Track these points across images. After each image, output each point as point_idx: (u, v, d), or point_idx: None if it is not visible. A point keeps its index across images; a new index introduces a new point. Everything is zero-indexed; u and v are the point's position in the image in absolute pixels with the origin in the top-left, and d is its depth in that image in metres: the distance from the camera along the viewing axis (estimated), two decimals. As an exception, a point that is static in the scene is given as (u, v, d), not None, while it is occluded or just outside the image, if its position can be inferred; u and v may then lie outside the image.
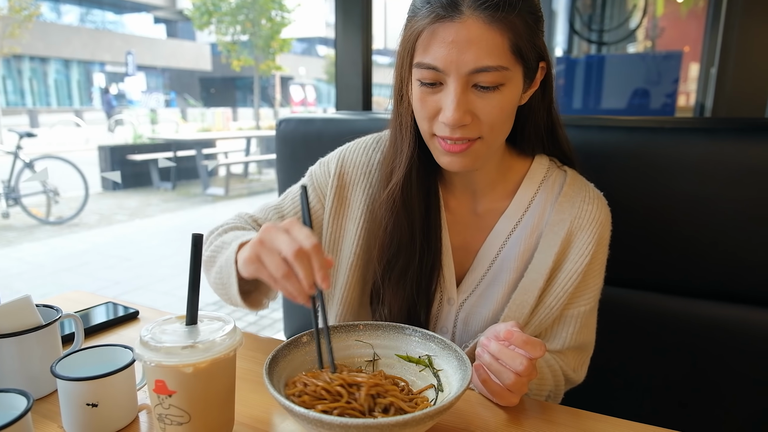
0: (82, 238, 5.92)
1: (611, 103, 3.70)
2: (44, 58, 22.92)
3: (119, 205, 7.63)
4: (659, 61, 3.59)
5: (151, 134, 11.09)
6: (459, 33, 0.75)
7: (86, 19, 26.24)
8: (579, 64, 3.82)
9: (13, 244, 5.53)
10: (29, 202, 6.42)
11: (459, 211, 0.98)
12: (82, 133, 14.67)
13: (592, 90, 3.77)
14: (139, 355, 0.62)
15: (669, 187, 1.10)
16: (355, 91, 1.75)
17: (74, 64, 24.13)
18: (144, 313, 1.12)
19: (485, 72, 0.76)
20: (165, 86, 26.23)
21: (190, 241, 0.68)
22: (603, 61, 3.76)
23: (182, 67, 26.73)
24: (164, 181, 8.74)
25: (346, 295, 1.00)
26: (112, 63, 24.29)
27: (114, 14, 27.53)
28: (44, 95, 23.69)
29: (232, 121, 18.46)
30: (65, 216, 6.49)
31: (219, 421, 0.66)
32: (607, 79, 3.72)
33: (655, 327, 1.15)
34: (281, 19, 15.59)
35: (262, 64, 15.84)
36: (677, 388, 1.16)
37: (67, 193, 6.71)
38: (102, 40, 24.13)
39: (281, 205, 1.03)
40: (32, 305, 0.78)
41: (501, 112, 0.80)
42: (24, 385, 0.75)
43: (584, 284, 0.94)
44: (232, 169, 9.19)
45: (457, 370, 0.69)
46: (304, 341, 0.74)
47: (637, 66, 3.68)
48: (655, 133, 1.14)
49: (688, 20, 5.24)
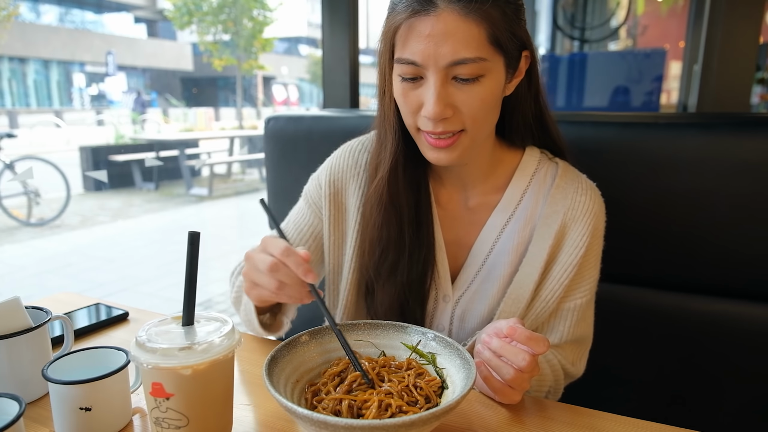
0: (65, 239, 5.82)
1: (594, 101, 3.73)
2: (23, 58, 22.49)
3: (102, 206, 7.51)
4: (642, 59, 3.62)
5: (134, 134, 10.93)
6: (435, 26, 0.75)
7: (65, 18, 25.80)
8: (562, 62, 3.85)
9: (-7, 247, 5.42)
10: (10, 203, 6.29)
11: (450, 206, 0.97)
12: (62, 134, 14.43)
13: (575, 88, 3.80)
14: (135, 357, 0.60)
15: (663, 182, 1.11)
16: (342, 89, 1.74)
17: (54, 64, 23.72)
18: (134, 315, 1.09)
19: (463, 64, 0.76)
20: (146, 86, 25.90)
21: (186, 238, 0.66)
22: (586, 59, 3.79)
23: (163, 66, 26.42)
24: (147, 182, 8.62)
25: (347, 296, 1.00)
26: (92, 63, 23.92)
27: (94, 14, 27.11)
28: (23, 96, 23.26)
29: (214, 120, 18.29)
30: (47, 217, 6.36)
31: (218, 423, 0.64)
32: (589, 77, 3.75)
33: (651, 323, 1.16)
34: (263, 19, 15.48)
35: (245, 64, 15.71)
36: (674, 384, 1.16)
37: (49, 195, 6.58)
38: (82, 40, 23.75)
39: (286, 230, 1.05)
40: (21, 307, 0.76)
41: (482, 104, 0.80)
42: (15, 390, 0.73)
43: (580, 276, 0.94)
44: (215, 169, 9.10)
45: (461, 368, 0.68)
46: (303, 341, 0.73)
47: (621, 64, 3.71)
48: (649, 129, 1.14)
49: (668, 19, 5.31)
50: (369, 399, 0.64)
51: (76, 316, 1.06)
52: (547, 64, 3.90)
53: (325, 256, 1.03)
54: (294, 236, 1.03)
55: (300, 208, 1.06)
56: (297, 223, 1.04)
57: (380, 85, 0.89)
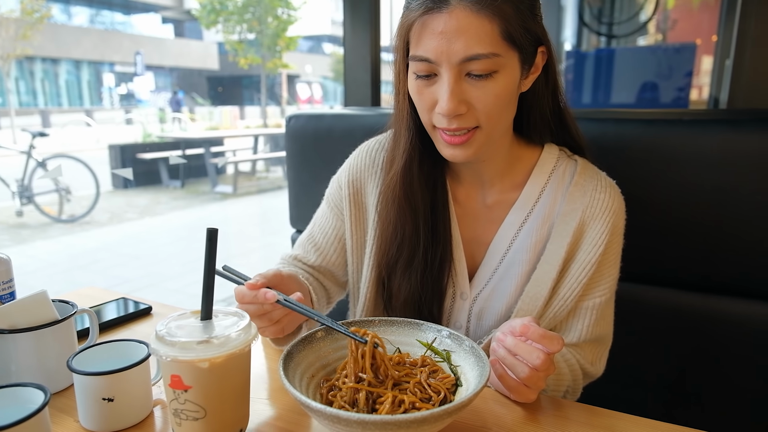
0: (94, 235, 5.97)
1: (621, 98, 3.66)
2: (55, 59, 23.13)
3: (129, 203, 7.68)
4: (672, 54, 3.54)
5: (160, 133, 11.13)
6: (448, 23, 0.75)
7: (96, 20, 26.44)
8: (588, 58, 3.78)
9: (27, 242, 5.58)
10: (42, 200, 6.49)
11: (468, 204, 0.97)
12: (92, 133, 14.79)
13: (601, 84, 3.74)
14: (155, 350, 0.62)
15: (687, 180, 1.08)
16: (363, 87, 1.74)
17: (84, 64, 24.33)
18: (157, 309, 1.12)
19: (476, 60, 0.76)
20: (173, 85, 26.35)
21: (204, 236, 0.67)
22: (613, 54, 3.72)
23: (190, 66, 26.85)
24: (173, 180, 8.79)
25: (366, 294, 1.01)
26: (122, 63, 24.46)
27: (123, 15, 27.70)
28: (56, 96, 23.91)
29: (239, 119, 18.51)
30: (77, 214, 6.54)
31: (234, 416, 0.66)
32: (616, 73, 3.68)
33: (673, 323, 1.14)
34: (287, 17, 15.60)
35: (269, 63, 15.86)
36: (695, 386, 1.14)
37: (79, 192, 6.76)
38: (111, 41, 24.31)
39: (312, 234, 1.07)
40: (48, 301, 0.78)
41: (497, 100, 0.79)
42: (41, 380, 0.76)
43: (599, 274, 0.92)
44: (240, 167, 9.22)
45: (475, 366, 0.68)
46: (318, 336, 0.74)
47: (649, 59, 3.63)
48: (673, 125, 1.12)
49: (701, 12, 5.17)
50: (383, 394, 0.64)
51: (101, 310, 1.09)
52: (572, 61, 3.84)
53: (348, 256, 1.04)
54: (321, 241, 1.05)
55: (323, 212, 1.07)
56: (322, 227, 1.06)
57: (395, 83, 0.90)
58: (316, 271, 1.06)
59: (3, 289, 0.90)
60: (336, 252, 1.05)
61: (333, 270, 1.06)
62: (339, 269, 1.06)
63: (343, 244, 1.05)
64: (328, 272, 1.06)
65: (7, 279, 0.91)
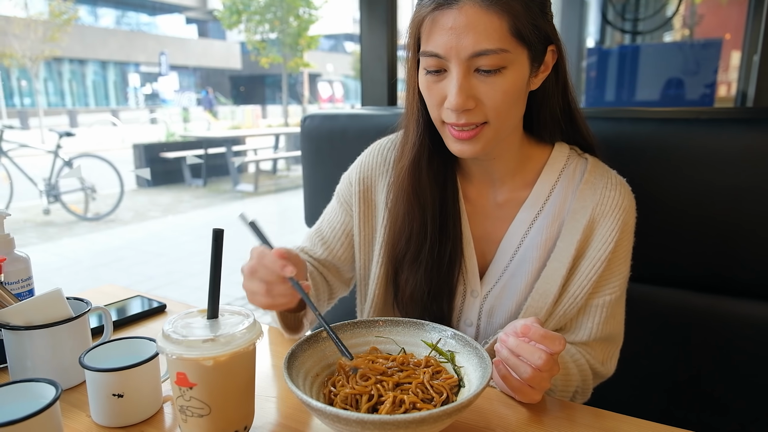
0: (118, 233, 6.10)
1: (646, 95, 3.60)
2: (83, 60, 23.65)
3: (153, 202, 7.82)
4: (697, 50, 3.46)
5: (183, 132, 11.31)
6: (457, 19, 0.76)
7: (122, 21, 26.94)
8: (612, 55, 3.72)
9: (54, 240, 5.73)
10: (68, 199, 6.65)
11: (479, 202, 0.98)
12: (118, 132, 15.08)
13: (624, 81, 3.67)
14: (162, 348, 0.63)
15: (705, 179, 1.06)
16: (380, 86, 1.75)
17: (111, 65, 24.82)
18: (171, 307, 1.14)
19: (485, 55, 0.77)
20: (197, 85, 26.73)
21: (210, 236, 0.69)
22: (636, 51, 3.65)
23: (213, 66, 27.18)
24: (196, 178, 8.92)
25: (375, 291, 1.01)
26: (147, 63, 24.88)
27: (148, 16, 28.17)
28: (83, 96, 24.44)
29: (261, 118, 18.68)
30: (102, 212, 6.69)
31: (239, 413, 0.67)
32: (639, 70, 3.61)
33: (688, 325, 1.12)
34: (308, 17, 15.69)
35: (290, 62, 15.98)
36: (711, 390, 1.12)
37: (104, 190, 6.92)
38: (137, 42, 24.75)
39: (320, 228, 1.08)
40: (63, 298, 0.81)
41: (505, 96, 0.80)
42: (55, 375, 0.78)
43: (609, 272, 0.92)
44: (261, 165, 9.32)
45: (478, 367, 0.68)
46: (323, 336, 0.75)
47: (674, 55, 3.56)
48: (690, 125, 1.10)
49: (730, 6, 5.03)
50: (384, 394, 0.65)
51: (117, 307, 1.11)
52: (595, 57, 3.78)
53: (356, 253, 1.05)
54: (328, 235, 1.06)
55: (332, 207, 1.09)
56: (330, 221, 1.07)
57: (406, 79, 0.91)
58: (322, 265, 1.07)
59: (22, 286, 0.93)
60: (342, 247, 1.05)
61: (338, 265, 1.07)
62: (344, 265, 1.07)
63: (350, 240, 1.05)
64: (333, 267, 1.07)
65: (26, 277, 0.93)
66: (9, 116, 18.46)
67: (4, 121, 8.24)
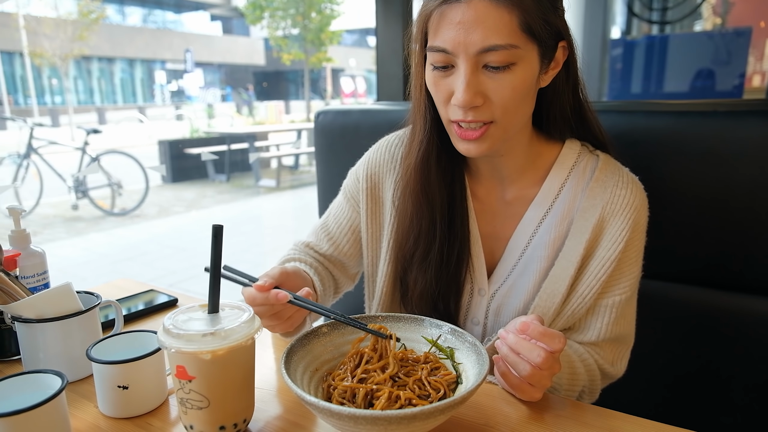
0: (143, 228, 6.23)
1: (673, 87, 3.50)
2: (110, 58, 24.12)
3: (177, 197, 7.95)
4: (724, 40, 3.36)
5: (207, 128, 11.46)
6: (465, 13, 0.75)
7: (148, 19, 27.38)
8: (638, 46, 3.63)
9: (82, 234, 5.88)
10: (96, 194, 6.81)
11: (488, 200, 0.97)
12: (144, 129, 15.37)
13: (653, 73, 3.58)
14: (161, 341, 0.64)
15: (722, 174, 1.03)
16: (395, 81, 1.74)
17: (138, 62, 25.27)
18: (183, 301, 1.16)
19: (493, 51, 0.75)
20: (221, 81, 27.05)
21: (210, 232, 0.70)
22: (661, 41, 3.56)
23: (237, 62, 27.44)
24: (219, 174, 9.04)
25: (383, 288, 1.01)
26: (172, 61, 25.25)
27: (174, 14, 28.56)
28: (111, 93, 24.95)
29: (284, 114, 18.80)
30: (128, 207, 6.83)
31: (238, 406, 0.68)
32: (667, 61, 3.52)
33: (704, 324, 1.09)
34: (330, 12, 15.71)
35: (313, 57, 16.03)
36: (730, 393, 1.09)
37: (130, 186, 7.06)
38: (163, 39, 25.14)
39: (326, 223, 1.08)
40: (73, 292, 0.83)
41: (514, 93, 0.78)
42: (65, 367, 0.81)
43: (619, 272, 0.90)
44: (283, 161, 9.39)
45: (475, 364, 0.68)
46: (323, 332, 0.75)
47: (703, 45, 3.45)
48: (706, 117, 1.07)
49: (765, -9, 4.85)
50: (381, 389, 0.65)
51: (129, 301, 1.14)
52: (621, 49, 3.70)
53: (363, 250, 1.05)
54: (334, 231, 1.06)
55: (339, 203, 1.08)
56: (337, 217, 1.07)
57: (414, 75, 0.90)
58: (327, 260, 1.07)
59: (37, 280, 0.95)
60: (348, 243, 1.05)
61: (344, 261, 1.07)
62: (350, 260, 1.07)
63: (357, 236, 1.05)
64: (338, 262, 1.07)
65: (41, 271, 0.96)
66: (41, 114, 18.97)
67: (35, 119, 8.48)
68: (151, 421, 0.73)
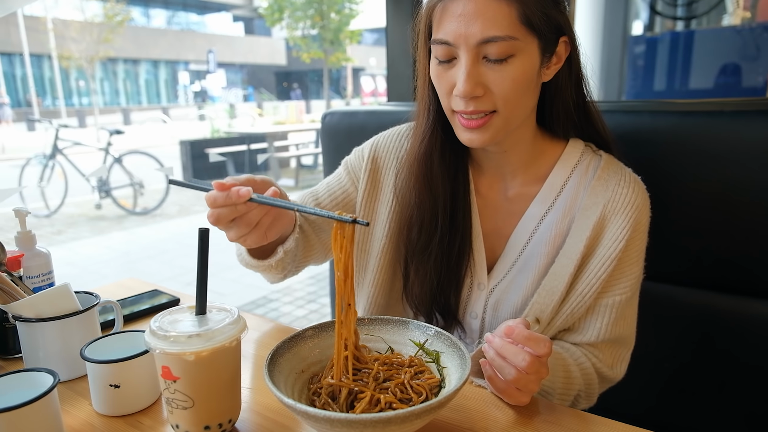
0: (164, 227, 6.33)
1: (697, 84, 3.42)
2: (135, 59, 24.59)
3: (197, 196, 8.06)
4: (756, 34, 3.26)
5: (228, 128, 11.60)
6: (466, 6, 0.77)
7: (172, 21, 27.82)
8: (661, 42, 3.55)
9: (105, 233, 6.01)
10: (118, 194, 6.96)
11: (490, 196, 0.97)
12: (167, 129, 15.61)
13: (677, 70, 3.50)
14: (148, 343, 0.66)
15: (729, 175, 1.01)
16: (406, 81, 1.74)
17: (162, 64, 25.71)
18: (185, 301, 1.18)
19: (493, 42, 0.77)
20: (243, 81, 27.32)
21: (197, 235, 0.71)
22: (689, 37, 3.47)
23: (259, 62, 27.70)
24: (239, 173, 9.13)
25: (377, 278, 1.01)
26: (196, 61, 25.62)
27: (197, 15, 28.96)
28: (136, 94, 25.43)
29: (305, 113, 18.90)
30: (150, 207, 6.96)
31: (222, 407, 0.69)
32: (695, 57, 3.43)
33: (711, 329, 1.07)
34: (349, 11, 15.76)
35: (332, 56, 16.09)
36: (738, 399, 1.07)
37: (151, 186, 7.19)
38: (186, 41, 25.52)
39: (316, 189, 1.07)
40: (71, 292, 0.85)
41: (513, 84, 0.79)
42: (64, 365, 0.83)
43: (620, 272, 0.90)
44: (302, 160, 9.46)
45: (459, 368, 0.68)
46: (308, 335, 0.76)
47: (722, 42, 3.37)
48: (713, 117, 1.05)
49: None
50: (365, 392, 0.65)
51: (132, 301, 1.16)
52: (643, 46, 3.63)
53: None
54: (324, 197, 1.03)
55: (338, 173, 1.06)
56: (329, 183, 1.04)
57: (418, 69, 0.92)
58: (306, 222, 1.01)
59: (42, 280, 0.98)
60: (332, 204, 1.02)
61: (323, 226, 1.02)
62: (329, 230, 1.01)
63: (346, 207, 1.02)
64: (317, 227, 1.02)
65: (46, 271, 0.99)
66: (68, 116, 19.43)
67: (62, 121, 8.69)
68: (143, 420, 0.75)
